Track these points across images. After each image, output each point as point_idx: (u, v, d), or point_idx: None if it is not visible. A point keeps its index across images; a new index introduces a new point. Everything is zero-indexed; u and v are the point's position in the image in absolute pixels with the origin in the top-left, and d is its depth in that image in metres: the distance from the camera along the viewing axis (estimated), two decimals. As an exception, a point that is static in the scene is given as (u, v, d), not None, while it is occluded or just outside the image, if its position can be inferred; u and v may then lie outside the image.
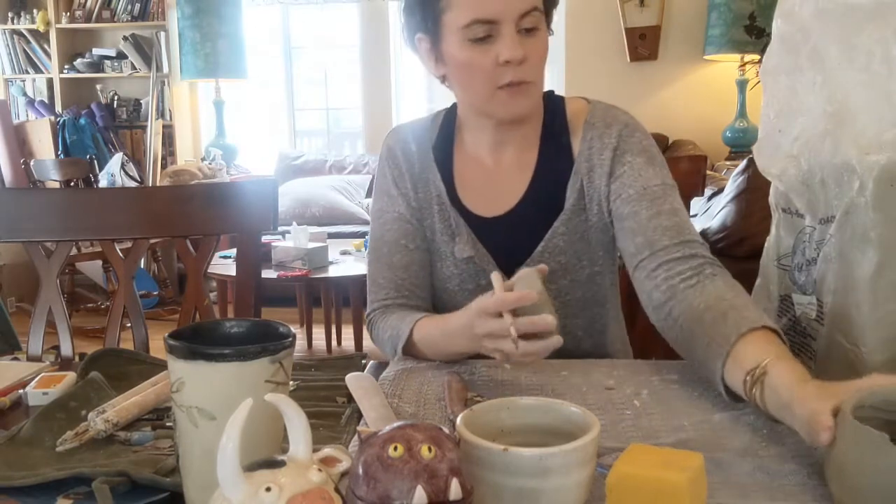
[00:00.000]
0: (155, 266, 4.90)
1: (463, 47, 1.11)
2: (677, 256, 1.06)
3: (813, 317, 0.95)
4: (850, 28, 0.90)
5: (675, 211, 1.11)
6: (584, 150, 1.18)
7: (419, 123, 1.29)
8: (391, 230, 1.22)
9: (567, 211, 1.18)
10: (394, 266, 1.21)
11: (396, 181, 1.24)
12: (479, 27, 1.08)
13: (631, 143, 1.16)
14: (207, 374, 0.62)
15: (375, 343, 1.22)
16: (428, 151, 1.24)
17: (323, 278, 3.44)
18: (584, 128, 1.19)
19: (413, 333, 1.10)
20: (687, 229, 1.10)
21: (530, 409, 0.71)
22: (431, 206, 1.23)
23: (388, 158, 1.26)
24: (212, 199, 1.35)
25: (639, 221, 1.11)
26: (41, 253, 1.33)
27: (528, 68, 1.11)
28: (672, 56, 4.87)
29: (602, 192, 1.16)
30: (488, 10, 1.07)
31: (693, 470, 0.58)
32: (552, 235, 1.18)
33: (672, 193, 1.13)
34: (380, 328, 1.18)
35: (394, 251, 1.21)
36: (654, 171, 1.14)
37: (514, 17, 1.08)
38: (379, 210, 1.25)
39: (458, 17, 1.09)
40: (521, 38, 1.09)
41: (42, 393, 0.98)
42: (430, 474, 0.53)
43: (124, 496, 0.71)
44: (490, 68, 1.10)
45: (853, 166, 0.86)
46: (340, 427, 0.89)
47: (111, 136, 5.34)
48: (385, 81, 5.46)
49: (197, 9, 5.01)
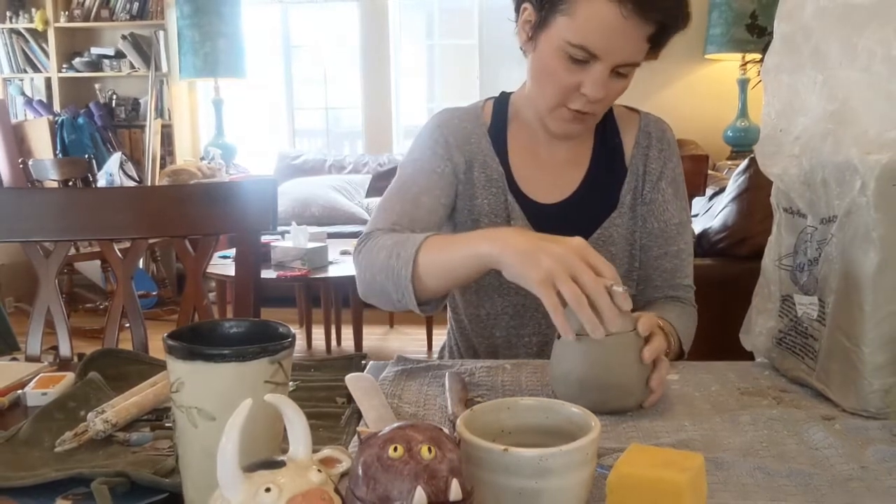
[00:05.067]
0: (154, 266, 4.90)
1: (557, 55, 1.10)
2: (661, 295, 1.23)
3: (814, 317, 0.95)
4: (851, 27, 0.90)
5: (678, 252, 1.24)
6: (638, 154, 1.24)
7: (467, 109, 1.29)
8: (428, 178, 1.20)
9: (624, 206, 1.23)
10: (419, 205, 1.17)
11: (450, 147, 1.23)
12: (581, 52, 1.08)
13: (668, 169, 1.25)
14: (207, 375, 0.61)
15: (359, 261, 1.09)
16: (484, 135, 1.25)
17: (322, 278, 3.44)
18: (639, 134, 1.25)
19: (429, 238, 1.00)
20: (681, 272, 1.24)
21: (530, 410, 0.70)
22: (488, 188, 1.23)
23: (443, 126, 1.24)
24: (211, 198, 1.34)
25: (646, 257, 1.25)
26: (39, 253, 1.32)
27: (600, 106, 1.14)
28: (673, 55, 4.79)
29: (645, 201, 1.25)
30: (598, 45, 1.06)
31: (693, 470, 0.58)
32: (609, 225, 1.22)
33: (682, 231, 1.25)
34: (381, 239, 1.07)
35: (424, 193, 1.19)
36: (676, 206, 1.25)
37: (615, 61, 1.08)
38: (416, 160, 1.23)
39: (569, 29, 1.06)
40: (609, 78, 1.10)
41: (41, 393, 0.98)
42: (430, 475, 0.52)
43: (123, 497, 0.70)
44: (568, 88, 1.12)
45: (855, 166, 0.86)
46: (340, 427, 0.88)
47: (110, 135, 5.34)
48: (385, 81, 5.46)
49: (196, 8, 5.01)
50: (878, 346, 0.86)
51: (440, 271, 1.00)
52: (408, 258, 1.00)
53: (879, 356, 0.86)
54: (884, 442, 0.81)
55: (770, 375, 1.03)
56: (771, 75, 1.00)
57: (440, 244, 1.00)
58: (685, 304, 1.24)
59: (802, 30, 0.95)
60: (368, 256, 1.08)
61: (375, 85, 5.46)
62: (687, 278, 1.25)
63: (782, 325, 1.02)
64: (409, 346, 4.00)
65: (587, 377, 0.88)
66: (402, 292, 1.02)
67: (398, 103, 5.57)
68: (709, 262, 2.23)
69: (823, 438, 0.81)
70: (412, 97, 5.66)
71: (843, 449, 0.79)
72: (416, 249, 1.00)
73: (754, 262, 1.11)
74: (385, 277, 1.04)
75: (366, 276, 1.09)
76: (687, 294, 1.25)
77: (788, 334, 1.01)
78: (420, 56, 5.73)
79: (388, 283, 1.04)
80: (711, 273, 2.16)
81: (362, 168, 5.23)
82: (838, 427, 0.85)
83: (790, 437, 0.83)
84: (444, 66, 5.69)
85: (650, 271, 1.24)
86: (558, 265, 0.82)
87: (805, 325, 0.97)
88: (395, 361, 1.10)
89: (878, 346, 0.86)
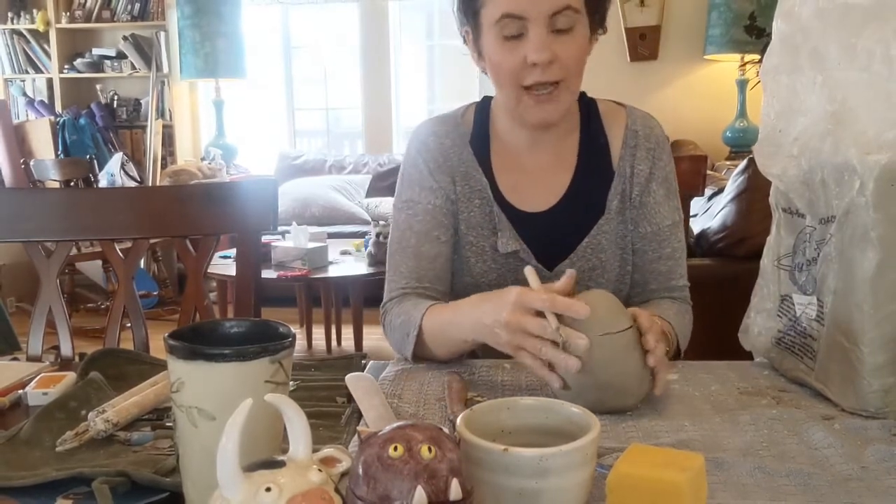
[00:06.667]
0: (155, 266, 4.90)
1: (496, 44, 1.11)
2: (657, 297, 1.22)
3: (813, 317, 0.95)
4: (850, 28, 0.90)
5: (673, 253, 1.23)
6: (626, 155, 1.21)
7: (447, 118, 1.27)
8: (422, 221, 1.21)
9: (611, 211, 1.20)
10: (421, 256, 1.20)
11: (433, 173, 1.22)
12: (509, 22, 1.08)
13: (658, 169, 1.22)
14: (207, 375, 0.62)
15: (386, 333, 1.20)
16: (465, 146, 1.23)
17: (323, 278, 3.44)
18: (625, 133, 1.21)
19: (424, 318, 1.08)
20: (676, 273, 1.23)
21: (530, 410, 0.71)
22: (472, 199, 1.22)
23: (421, 152, 1.23)
24: (211, 198, 1.34)
25: (641, 261, 1.23)
26: (41, 253, 1.33)
27: (557, 70, 1.10)
28: (672, 56, 4.87)
29: (634, 205, 1.22)
30: (517, 6, 1.07)
31: (693, 470, 0.58)
32: (597, 233, 1.20)
33: (676, 231, 1.23)
34: (393, 314, 1.16)
35: (423, 241, 1.20)
36: (669, 207, 1.23)
37: (544, 14, 1.07)
38: (408, 201, 1.23)
39: (491, 13, 1.10)
40: (552, 38, 1.08)
41: (42, 393, 0.98)
42: (430, 475, 0.53)
43: (124, 496, 0.71)
44: (517, 68, 1.10)
45: (853, 166, 0.86)
46: (340, 427, 0.88)
47: (111, 135, 5.34)
48: (385, 81, 5.46)
49: (196, 8, 5.01)
50: (878, 346, 0.86)
51: (441, 352, 1.10)
52: (410, 348, 1.11)
53: (879, 356, 0.86)
54: (883, 442, 0.81)
55: (769, 375, 1.03)
56: (770, 76, 1.00)
57: (433, 335, 1.08)
58: (681, 301, 1.23)
59: (801, 30, 0.95)
60: (388, 332, 1.19)
61: (375, 85, 5.46)
62: (682, 278, 1.24)
63: (781, 324, 1.02)
64: (409, 346, 4.00)
65: (585, 376, 0.87)
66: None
67: (398, 103, 5.57)
68: (708, 263, 2.23)
69: (823, 438, 0.81)
70: (412, 97, 5.66)
71: (843, 449, 0.79)
72: (415, 334, 1.09)
73: (753, 262, 1.11)
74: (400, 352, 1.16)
75: (391, 343, 1.20)
76: (682, 293, 1.24)
77: (787, 334, 1.01)
78: (420, 56, 5.73)
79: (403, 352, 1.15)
80: (710, 273, 2.16)
81: (362, 168, 5.23)
82: (838, 427, 0.85)
83: (790, 437, 0.83)
84: (444, 66, 5.68)
85: (646, 275, 1.22)
86: (510, 334, 0.90)
87: (804, 324, 0.97)
88: (395, 361, 1.10)
89: (878, 346, 0.86)
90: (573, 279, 0.92)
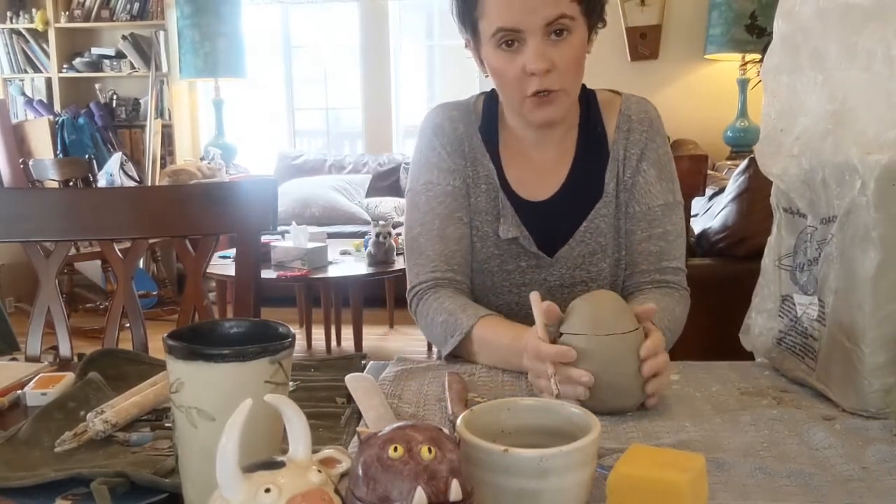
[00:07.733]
0: (154, 266, 4.90)
1: (495, 54, 1.14)
2: (648, 280, 1.21)
3: (814, 317, 0.95)
4: (850, 27, 0.90)
5: (665, 234, 1.21)
6: (619, 139, 1.23)
7: (459, 104, 1.29)
8: (443, 203, 1.22)
9: (608, 194, 1.22)
10: (447, 238, 1.21)
11: (451, 155, 1.24)
12: (506, 35, 1.10)
13: (650, 150, 1.22)
14: (206, 375, 0.61)
15: (419, 322, 1.21)
16: (475, 133, 1.26)
17: (322, 278, 3.44)
18: (619, 118, 1.23)
19: (474, 330, 1.09)
20: (668, 254, 1.21)
21: (531, 410, 0.70)
22: (479, 185, 1.24)
23: (437, 134, 1.25)
24: (211, 198, 1.34)
25: (631, 242, 1.22)
26: (40, 253, 1.32)
27: (556, 77, 1.12)
28: (673, 55, 4.87)
29: (626, 186, 1.23)
30: (512, 20, 1.09)
31: (694, 471, 0.58)
32: (594, 217, 1.22)
33: (669, 213, 1.22)
34: (431, 307, 1.17)
35: (447, 224, 1.21)
36: (662, 188, 1.22)
37: (539, 26, 1.09)
38: (427, 183, 1.24)
39: (488, 26, 1.12)
40: (549, 44, 1.10)
41: (40, 393, 0.98)
42: (430, 475, 0.52)
43: (123, 497, 0.70)
44: (517, 77, 1.12)
45: (854, 166, 0.86)
46: (340, 428, 0.88)
47: (110, 135, 5.34)
48: (385, 81, 5.46)
49: (196, 8, 5.01)
50: (878, 346, 0.86)
51: (481, 361, 1.11)
52: (448, 349, 1.13)
53: (879, 356, 0.86)
54: (884, 442, 0.81)
55: (770, 375, 1.03)
56: (771, 75, 1.00)
57: (480, 346, 1.10)
58: (675, 288, 1.21)
59: (802, 30, 0.95)
60: (424, 322, 1.19)
61: (375, 85, 5.46)
62: (675, 261, 1.22)
63: (782, 325, 1.02)
64: (409, 346, 4.00)
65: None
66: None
67: (398, 103, 5.57)
68: (708, 263, 2.23)
69: (824, 439, 0.81)
70: (412, 97, 5.66)
71: (844, 449, 0.79)
72: (458, 340, 1.11)
73: (754, 262, 1.11)
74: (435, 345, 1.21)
75: (426, 333, 1.22)
76: (676, 277, 1.22)
77: (788, 334, 1.01)
78: (420, 56, 5.73)
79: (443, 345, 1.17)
80: (711, 273, 2.16)
81: (362, 168, 5.23)
82: (838, 427, 0.85)
83: (791, 438, 0.83)
84: (444, 66, 5.68)
85: (636, 256, 1.22)
86: (531, 378, 0.96)
87: (805, 325, 0.97)
88: (395, 362, 1.10)
89: (878, 346, 0.86)
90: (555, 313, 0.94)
